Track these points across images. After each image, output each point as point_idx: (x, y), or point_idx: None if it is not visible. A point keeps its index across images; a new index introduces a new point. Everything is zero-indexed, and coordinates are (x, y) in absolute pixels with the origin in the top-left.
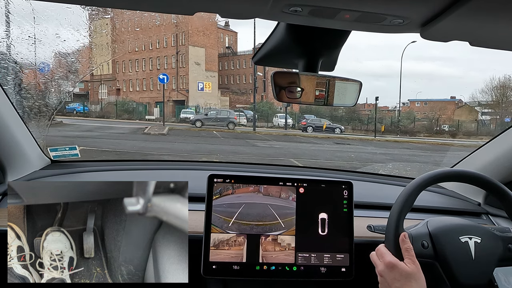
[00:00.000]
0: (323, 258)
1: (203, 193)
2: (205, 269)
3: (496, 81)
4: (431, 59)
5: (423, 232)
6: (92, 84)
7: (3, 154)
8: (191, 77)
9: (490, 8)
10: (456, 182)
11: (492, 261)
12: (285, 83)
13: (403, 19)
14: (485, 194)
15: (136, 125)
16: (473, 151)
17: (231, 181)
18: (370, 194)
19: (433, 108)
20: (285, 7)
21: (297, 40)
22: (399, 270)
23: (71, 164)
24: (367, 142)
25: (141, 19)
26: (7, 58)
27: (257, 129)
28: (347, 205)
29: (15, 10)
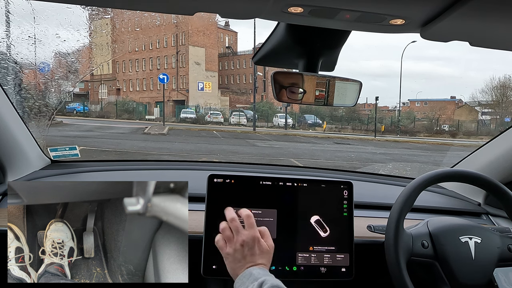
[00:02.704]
0: (323, 258)
1: (203, 193)
2: (205, 269)
3: (496, 81)
4: (430, 59)
5: (423, 232)
6: (92, 84)
7: (3, 154)
8: (191, 77)
9: (490, 8)
10: (456, 182)
11: (492, 261)
12: (285, 83)
13: (403, 19)
14: (485, 194)
15: (136, 125)
16: (473, 151)
17: (231, 181)
18: (370, 194)
19: (433, 108)
20: (285, 7)
21: (297, 40)
22: (260, 246)
23: (71, 164)
24: (367, 142)
25: (141, 19)
26: (7, 58)
27: (257, 129)
28: (347, 205)
29: (15, 10)
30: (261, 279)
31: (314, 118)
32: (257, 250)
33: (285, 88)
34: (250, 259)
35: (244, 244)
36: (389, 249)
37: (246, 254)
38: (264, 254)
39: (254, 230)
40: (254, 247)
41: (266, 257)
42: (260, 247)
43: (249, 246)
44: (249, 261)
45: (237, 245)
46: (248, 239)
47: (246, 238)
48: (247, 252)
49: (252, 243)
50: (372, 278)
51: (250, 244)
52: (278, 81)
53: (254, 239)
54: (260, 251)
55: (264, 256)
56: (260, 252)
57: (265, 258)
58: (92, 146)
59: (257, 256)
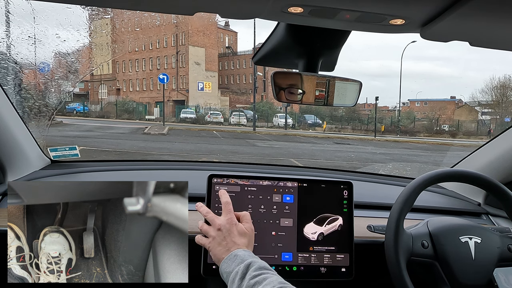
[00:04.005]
0: (323, 258)
1: (203, 193)
2: (205, 269)
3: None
4: (429, 59)
5: (423, 232)
6: (92, 84)
7: (3, 154)
8: (191, 77)
9: (490, 8)
10: (456, 182)
11: (492, 261)
12: (285, 83)
13: (403, 19)
14: (485, 194)
15: (136, 125)
16: (473, 151)
17: (231, 181)
18: (370, 194)
19: (433, 108)
20: (285, 7)
21: (297, 40)
22: (238, 228)
23: (71, 164)
24: (367, 142)
25: (141, 19)
26: (7, 58)
27: (257, 129)
28: (347, 205)
29: (15, 10)
30: (247, 261)
31: (314, 118)
32: (235, 231)
33: (285, 88)
34: (230, 241)
35: (221, 228)
36: (389, 249)
37: (225, 236)
38: (243, 235)
39: (230, 214)
40: (231, 229)
41: (246, 239)
42: (238, 229)
43: (226, 228)
44: (229, 242)
45: (214, 232)
46: (224, 223)
47: (222, 222)
48: (225, 234)
49: (229, 226)
50: (372, 278)
51: (227, 227)
52: (278, 81)
53: (231, 222)
54: (238, 233)
55: (244, 237)
56: (238, 234)
57: (245, 239)
58: (92, 146)
59: (236, 238)
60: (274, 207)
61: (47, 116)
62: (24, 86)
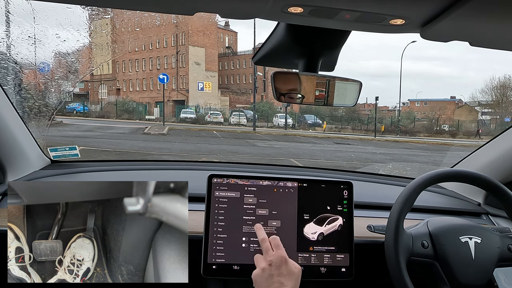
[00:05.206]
0: (323, 258)
1: (203, 193)
2: (205, 269)
3: (496, 81)
4: (428, 59)
5: (423, 232)
6: (92, 84)
7: (3, 154)
8: (191, 77)
9: (490, 8)
10: (456, 182)
11: (492, 261)
12: (285, 83)
13: (403, 19)
14: (485, 194)
15: (136, 125)
16: (473, 151)
17: (231, 181)
18: (370, 194)
19: (433, 108)
20: (285, 7)
21: (297, 40)
22: (288, 267)
23: (71, 164)
24: (367, 142)
25: (141, 19)
26: (7, 58)
27: (257, 129)
28: (347, 205)
29: (15, 10)
30: None
31: (314, 118)
32: (284, 271)
33: (284, 88)
34: (277, 280)
35: (272, 264)
36: (389, 249)
37: (273, 273)
38: (291, 276)
39: (281, 250)
40: (281, 267)
41: (293, 280)
42: (287, 268)
43: (276, 265)
44: (276, 282)
45: (265, 263)
46: (276, 259)
47: (274, 258)
48: (274, 271)
49: (280, 263)
50: (372, 278)
51: (277, 263)
52: (278, 81)
53: (281, 259)
54: (287, 272)
55: (292, 278)
56: (287, 273)
57: (292, 280)
58: (92, 146)
59: (284, 278)
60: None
61: (47, 116)
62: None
